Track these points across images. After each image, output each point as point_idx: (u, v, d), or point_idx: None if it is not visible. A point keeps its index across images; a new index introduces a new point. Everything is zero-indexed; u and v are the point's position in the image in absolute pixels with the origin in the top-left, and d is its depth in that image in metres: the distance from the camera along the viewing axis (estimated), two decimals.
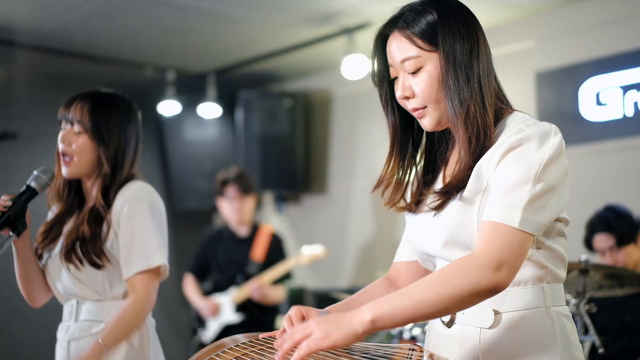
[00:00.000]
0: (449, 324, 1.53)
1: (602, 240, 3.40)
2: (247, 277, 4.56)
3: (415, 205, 1.60)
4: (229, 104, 5.86)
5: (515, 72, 4.62)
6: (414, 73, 1.52)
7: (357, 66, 4.84)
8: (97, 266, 2.14)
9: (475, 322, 1.49)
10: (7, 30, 4.73)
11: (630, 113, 4.21)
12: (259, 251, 4.62)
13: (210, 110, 5.79)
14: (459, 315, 1.51)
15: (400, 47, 1.53)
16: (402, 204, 1.62)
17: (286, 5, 4.43)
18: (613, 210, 3.45)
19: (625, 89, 4.23)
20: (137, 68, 5.57)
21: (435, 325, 1.58)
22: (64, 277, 2.19)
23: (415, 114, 1.56)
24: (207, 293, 4.69)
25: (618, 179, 4.24)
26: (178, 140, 6.03)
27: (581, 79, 4.39)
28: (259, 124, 5.66)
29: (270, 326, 4.59)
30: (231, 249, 4.67)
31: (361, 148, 5.58)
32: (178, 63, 5.61)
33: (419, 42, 1.51)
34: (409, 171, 1.63)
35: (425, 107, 1.53)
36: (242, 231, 4.67)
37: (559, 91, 4.50)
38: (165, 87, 5.73)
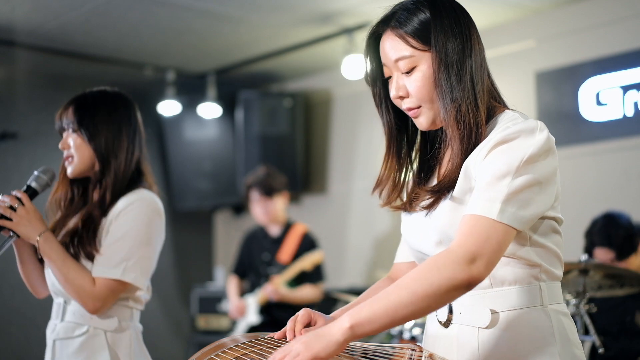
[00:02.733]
0: (446, 325, 1.52)
1: (603, 253, 3.37)
2: (268, 279, 4.53)
3: (410, 204, 1.59)
4: (229, 104, 5.86)
5: (515, 72, 4.61)
6: (407, 73, 1.52)
7: (357, 66, 4.84)
8: (92, 257, 2.13)
9: (472, 321, 1.48)
10: (7, 30, 4.73)
11: (630, 113, 4.21)
12: (286, 252, 4.57)
13: (210, 110, 5.79)
14: (456, 315, 1.51)
15: (393, 47, 1.52)
16: (397, 203, 1.62)
17: (286, 5, 4.43)
18: (612, 221, 3.37)
19: (625, 89, 4.23)
20: (137, 68, 5.57)
21: (432, 327, 1.57)
22: (52, 277, 2.19)
23: (409, 114, 1.55)
24: (245, 293, 4.68)
25: (618, 179, 4.24)
26: (178, 140, 6.03)
27: (581, 79, 4.39)
28: (259, 124, 5.66)
29: None
30: (263, 248, 4.64)
31: (361, 148, 5.58)
32: (178, 63, 5.61)
33: (412, 41, 1.50)
34: (405, 170, 1.62)
35: (419, 106, 1.53)
36: (274, 231, 4.64)
37: (559, 91, 4.50)
38: (165, 87, 5.73)
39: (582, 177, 4.29)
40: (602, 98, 4.32)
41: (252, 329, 4.50)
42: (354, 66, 4.85)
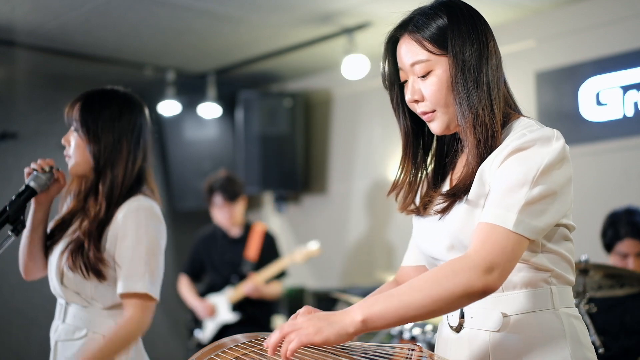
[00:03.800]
0: (458, 329, 1.53)
1: (631, 246, 3.35)
2: (242, 277, 4.60)
3: (424, 208, 1.60)
4: (229, 104, 5.86)
5: (515, 72, 4.61)
6: (423, 77, 1.53)
7: (357, 66, 4.83)
8: (100, 275, 2.13)
9: (484, 325, 1.49)
10: (7, 30, 4.73)
11: (630, 113, 4.21)
12: (252, 250, 4.67)
13: (210, 110, 5.79)
14: (468, 319, 1.51)
15: (410, 51, 1.53)
16: (412, 207, 1.62)
17: (286, 5, 4.43)
18: (638, 213, 3.38)
19: (625, 89, 4.23)
20: (137, 68, 5.57)
21: (444, 331, 1.58)
22: (53, 278, 2.20)
23: (424, 118, 1.56)
24: (202, 294, 4.71)
25: (618, 179, 4.24)
26: (178, 140, 6.04)
27: (581, 79, 4.39)
28: (259, 124, 5.66)
29: (266, 324, 4.65)
30: (225, 249, 4.71)
31: (361, 148, 5.58)
32: (178, 63, 5.61)
33: (429, 46, 1.51)
34: (420, 174, 1.63)
35: (434, 110, 1.54)
36: (235, 231, 4.73)
37: (559, 91, 4.50)
38: (165, 87, 5.74)
39: (582, 177, 4.29)
40: (602, 98, 4.32)
41: (227, 327, 4.55)
42: (354, 66, 4.85)
